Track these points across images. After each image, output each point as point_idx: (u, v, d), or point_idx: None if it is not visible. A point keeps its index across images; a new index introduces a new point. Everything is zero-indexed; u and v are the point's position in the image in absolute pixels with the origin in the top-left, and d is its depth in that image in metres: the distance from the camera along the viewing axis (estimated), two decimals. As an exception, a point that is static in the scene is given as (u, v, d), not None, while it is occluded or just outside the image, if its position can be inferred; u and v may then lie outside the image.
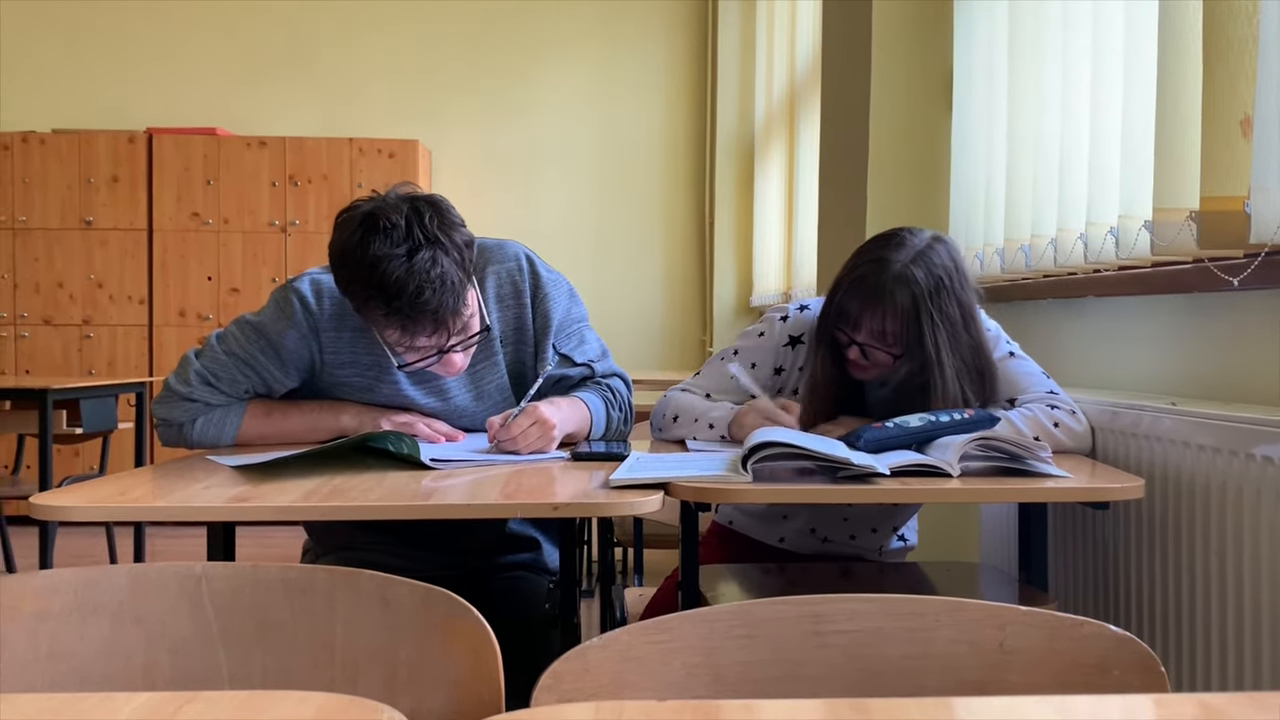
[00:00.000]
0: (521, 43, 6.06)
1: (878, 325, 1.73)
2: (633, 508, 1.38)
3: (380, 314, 1.63)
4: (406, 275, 1.58)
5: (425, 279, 1.59)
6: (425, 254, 1.60)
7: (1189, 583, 1.57)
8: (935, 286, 1.71)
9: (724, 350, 1.96)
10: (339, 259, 1.65)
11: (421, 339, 1.68)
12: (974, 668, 0.91)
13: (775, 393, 1.93)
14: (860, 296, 1.73)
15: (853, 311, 1.74)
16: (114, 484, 1.48)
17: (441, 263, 1.61)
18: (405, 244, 1.60)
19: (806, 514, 1.96)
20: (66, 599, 0.95)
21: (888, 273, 1.71)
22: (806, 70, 4.39)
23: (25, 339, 5.55)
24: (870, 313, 1.72)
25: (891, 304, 1.70)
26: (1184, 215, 1.68)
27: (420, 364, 1.73)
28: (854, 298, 1.74)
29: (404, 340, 1.68)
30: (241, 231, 5.60)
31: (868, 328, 1.74)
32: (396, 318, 1.62)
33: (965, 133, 2.70)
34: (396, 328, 1.65)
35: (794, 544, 1.98)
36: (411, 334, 1.66)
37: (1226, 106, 1.55)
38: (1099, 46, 2.04)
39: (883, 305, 1.71)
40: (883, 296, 1.70)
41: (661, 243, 6.18)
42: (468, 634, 0.90)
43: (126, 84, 5.93)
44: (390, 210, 1.63)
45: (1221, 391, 1.72)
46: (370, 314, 1.66)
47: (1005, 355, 1.84)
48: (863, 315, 1.74)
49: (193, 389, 1.79)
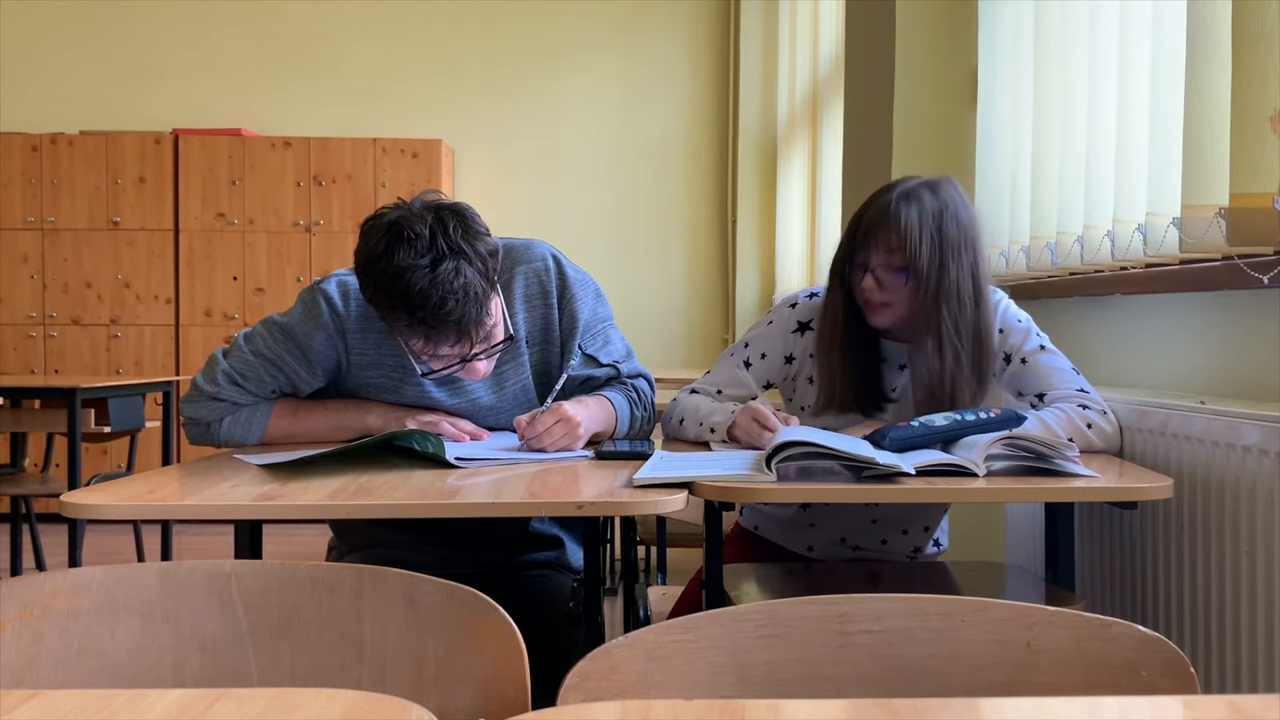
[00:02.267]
0: (545, 42, 6.07)
1: (888, 241, 1.75)
2: (656, 507, 1.38)
3: (404, 324, 1.65)
4: (430, 286, 1.59)
5: (449, 290, 1.60)
6: (449, 265, 1.61)
7: (1218, 583, 1.56)
8: (940, 207, 1.76)
9: (735, 343, 1.95)
10: (364, 268, 1.66)
11: (445, 348, 1.69)
12: (1001, 668, 0.90)
13: (789, 380, 1.92)
14: (870, 216, 1.77)
15: (863, 234, 1.78)
16: (142, 482, 1.49)
17: (465, 273, 1.62)
18: (429, 254, 1.60)
19: (835, 522, 1.94)
20: (98, 597, 0.96)
21: (895, 192, 1.77)
22: (829, 68, 4.37)
23: (54, 339, 5.60)
24: (880, 230, 1.76)
25: (897, 219, 1.74)
26: (1213, 212, 1.66)
27: (444, 372, 1.74)
28: (863, 219, 1.79)
29: (428, 349, 1.69)
30: (266, 231, 5.63)
31: (879, 248, 1.76)
32: (420, 328, 1.64)
33: (990, 129, 2.69)
34: (420, 337, 1.67)
35: (823, 552, 1.96)
36: (435, 343, 1.67)
37: (1256, 102, 1.53)
38: (1126, 42, 2.02)
39: (889, 220, 1.75)
40: (891, 210, 1.75)
41: (684, 241, 6.18)
42: (494, 632, 0.91)
43: (153, 86, 5.98)
44: (414, 220, 1.63)
45: (1251, 390, 1.71)
46: (394, 323, 1.67)
47: (1036, 349, 1.83)
48: (873, 234, 1.76)
49: (220, 389, 1.81)
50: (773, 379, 1.93)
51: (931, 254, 1.74)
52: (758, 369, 1.91)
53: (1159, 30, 1.88)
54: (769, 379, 1.93)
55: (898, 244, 1.74)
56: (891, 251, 1.75)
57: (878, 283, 1.77)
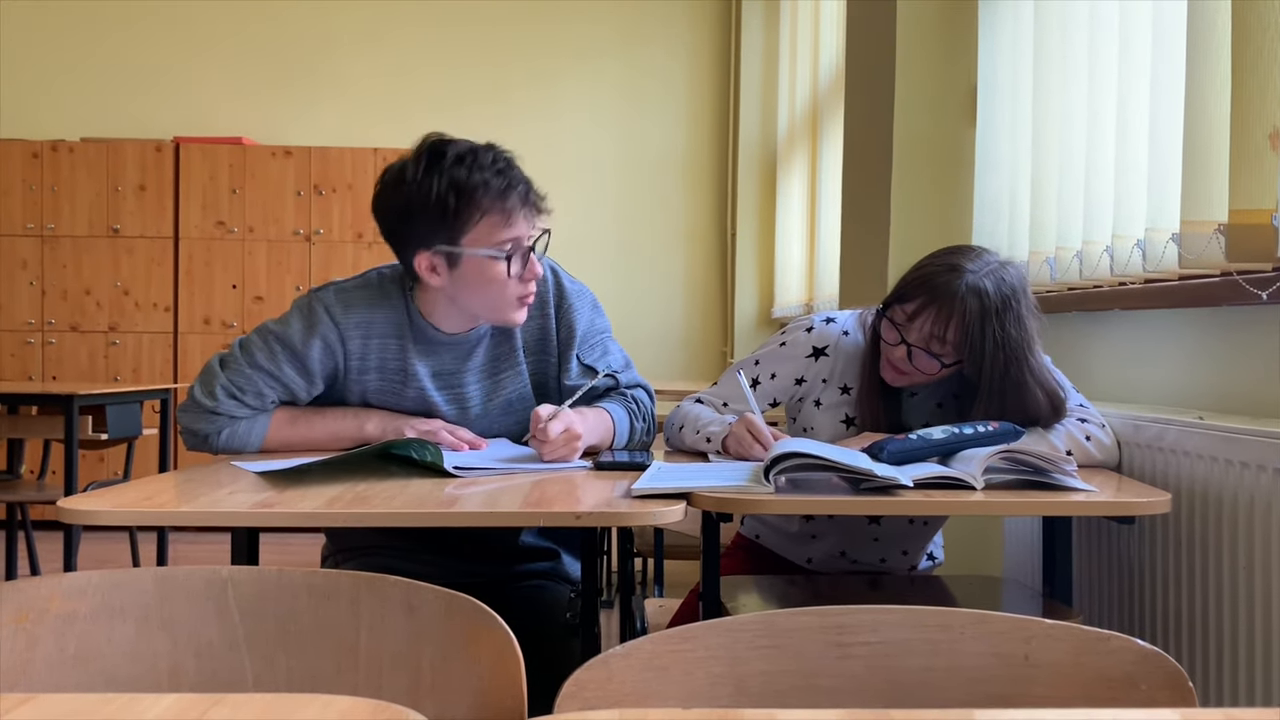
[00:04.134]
0: (545, 53, 6.08)
1: (938, 330, 1.69)
2: (655, 518, 1.38)
3: (484, 179, 1.73)
4: (491, 154, 1.76)
5: (510, 162, 1.78)
6: (490, 148, 1.78)
7: (1216, 598, 1.56)
8: (1004, 303, 1.67)
9: (744, 360, 1.95)
10: (417, 180, 1.74)
11: (519, 223, 1.76)
12: (999, 680, 0.90)
13: (796, 401, 1.92)
14: (926, 294, 1.69)
15: (913, 308, 1.71)
16: (139, 489, 1.49)
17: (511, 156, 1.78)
18: (471, 143, 1.77)
19: (836, 535, 1.94)
20: (94, 601, 0.96)
21: (961, 279, 1.67)
22: (829, 82, 4.38)
23: (52, 345, 5.60)
24: (933, 314, 1.69)
25: (960, 310, 1.66)
26: (1212, 228, 1.67)
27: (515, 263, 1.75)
28: (919, 294, 1.70)
29: (502, 227, 1.74)
30: (266, 240, 5.64)
31: (923, 329, 1.70)
32: (499, 180, 1.73)
33: (990, 145, 2.70)
34: (498, 207, 1.73)
35: (821, 564, 1.96)
36: (511, 211, 1.74)
37: (1255, 119, 1.54)
38: (1125, 58, 2.03)
39: (949, 309, 1.67)
40: (952, 300, 1.67)
41: (683, 254, 6.18)
42: (491, 641, 0.90)
43: (154, 94, 5.99)
44: (438, 135, 1.79)
45: (1250, 406, 1.71)
46: (472, 194, 1.72)
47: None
48: (922, 313, 1.70)
49: (219, 403, 1.80)
50: (780, 398, 1.93)
51: (985, 351, 1.67)
52: (765, 387, 1.90)
53: (1158, 47, 1.89)
54: (776, 398, 1.92)
55: (952, 339, 1.69)
56: (941, 341, 1.70)
57: (909, 356, 1.73)
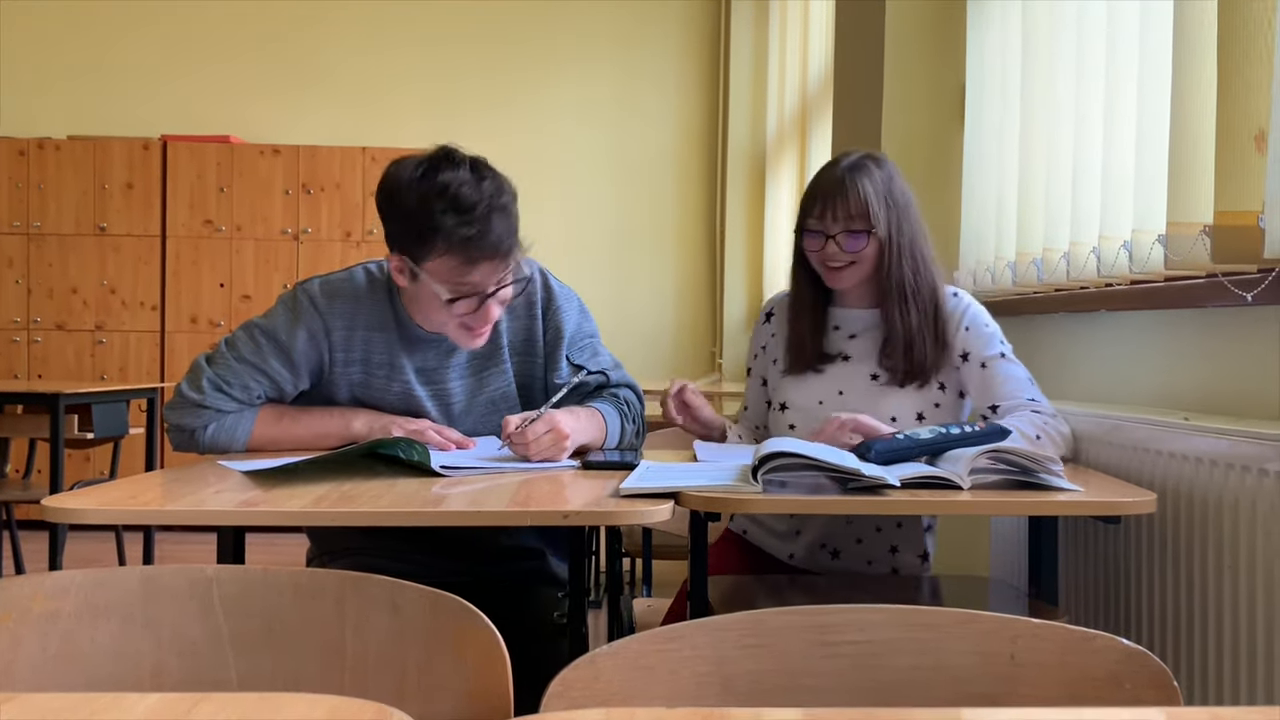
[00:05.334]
0: (535, 53, 6.08)
1: (844, 209, 1.86)
2: (643, 516, 1.38)
3: (451, 225, 1.68)
4: (477, 196, 1.70)
5: (495, 204, 1.71)
6: (491, 184, 1.72)
7: (1201, 597, 1.56)
8: (889, 173, 1.91)
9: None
10: (405, 186, 1.72)
11: (478, 271, 1.72)
12: (984, 680, 0.90)
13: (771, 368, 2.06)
14: (822, 191, 1.88)
15: (819, 208, 1.88)
16: (125, 487, 1.48)
17: (505, 194, 1.73)
18: (473, 175, 1.72)
19: (819, 529, 1.95)
20: (77, 600, 0.95)
21: (838, 166, 1.90)
22: (818, 83, 4.39)
23: (38, 344, 5.57)
24: (835, 200, 1.87)
25: (853, 184, 1.87)
26: (1198, 229, 1.67)
27: (465, 304, 1.74)
28: (815, 197, 1.89)
29: (460, 271, 1.71)
30: (254, 239, 5.62)
31: (836, 216, 1.87)
32: (465, 231, 1.68)
33: (977, 146, 2.70)
34: (459, 252, 1.69)
35: (803, 560, 1.97)
36: (473, 261, 1.70)
37: (1241, 121, 1.54)
38: (1113, 60, 2.04)
39: (844, 187, 1.87)
40: (843, 181, 1.87)
41: (673, 254, 6.19)
42: (477, 640, 0.90)
43: (142, 92, 5.96)
44: (453, 150, 1.75)
45: (1234, 406, 1.72)
46: (435, 235, 1.69)
47: (997, 355, 1.89)
48: (828, 206, 1.87)
49: (205, 396, 1.80)
50: (767, 376, 2.08)
51: (889, 215, 1.87)
52: (757, 370, 2.09)
53: (1145, 49, 1.90)
54: (764, 376, 2.08)
55: (857, 210, 1.86)
56: (851, 218, 1.86)
57: (840, 248, 1.87)
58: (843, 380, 1.93)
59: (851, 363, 1.94)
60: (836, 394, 1.92)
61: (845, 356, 1.95)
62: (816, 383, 1.94)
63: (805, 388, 1.95)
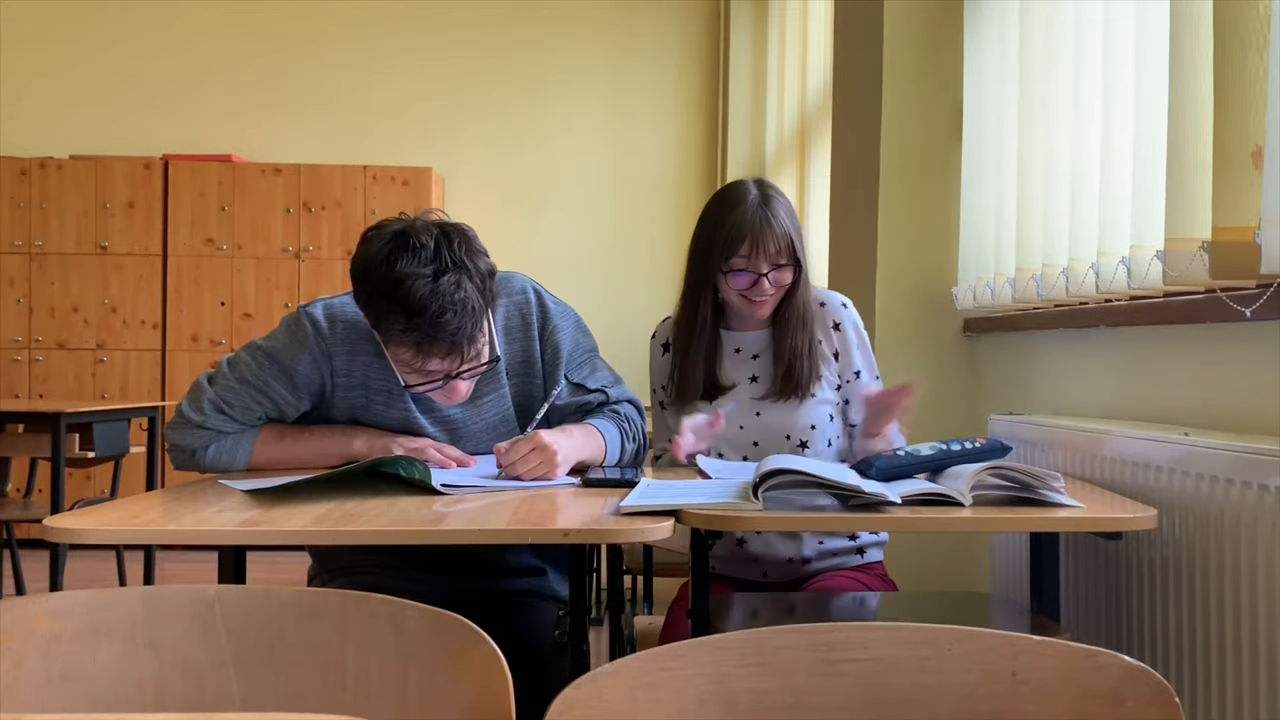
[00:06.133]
0: (535, 72, 6.10)
1: (773, 246, 1.91)
2: (643, 534, 1.38)
3: (399, 329, 1.65)
4: (430, 295, 1.62)
5: (449, 301, 1.62)
6: (451, 277, 1.63)
7: (1203, 614, 1.56)
8: (786, 200, 1.97)
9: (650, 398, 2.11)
10: (364, 272, 1.67)
11: (434, 361, 1.69)
12: (986, 697, 0.90)
13: None
14: (745, 231, 1.91)
15: (745, 247, 1.91)
16: (126, 507, 1.48)
17: (465, 287, 1.64)
18: (433, 265, 1.64)
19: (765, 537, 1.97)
20: (79, 621, 0.95)
21: (755, 198, 1.94)
22: (817, 100, 4.41)
23: (39, 363, 5.58)
24: (765, 234, 1.90)
25: (774, 218, 1.92)
26: (1196, 245, 1.68)
27: (425, 387, 1.74)
28: (739, 237, 1.91)
29: (415, 361, 1.69)
30: (255, 258, 5.63)
31: (766, 252, 1.91)
32: (414, 335, 1.64)
33: (976, 163, 2.71)
34: (411, 346, 1.67)
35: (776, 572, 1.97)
36: (425, 354, 1.67)
37: (1238, 137, 1.55)
38: (1110, 77, 2.05)
39: (768, 225, 1.91)
40: (764, 221, 1.91)
41: (672, 271, 6.17)
42: (479, 660, 0.90)
43: (144, 111, 5.99)
44: (420, 231, 1.67)
45: (1234, 422, 1.72)
46: (387, 330, 1.67)
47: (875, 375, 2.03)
48: (755, 244, 1.90)
49: (206, 417, 1.80)
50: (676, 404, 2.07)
51: (802, 245, 1.95)
52: (671, 400, 2.06)
53: (1142, 65, 1.91)
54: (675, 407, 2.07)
55: (784, 244, 1.92)
56: (778, 253, 1.92)
57: (770, 283, 1.92)
58: (753, 401, 1.98)
59: (757, 384, 2.00)
60: (754, 415, 1.98)
61: (753, 378, 2.00)
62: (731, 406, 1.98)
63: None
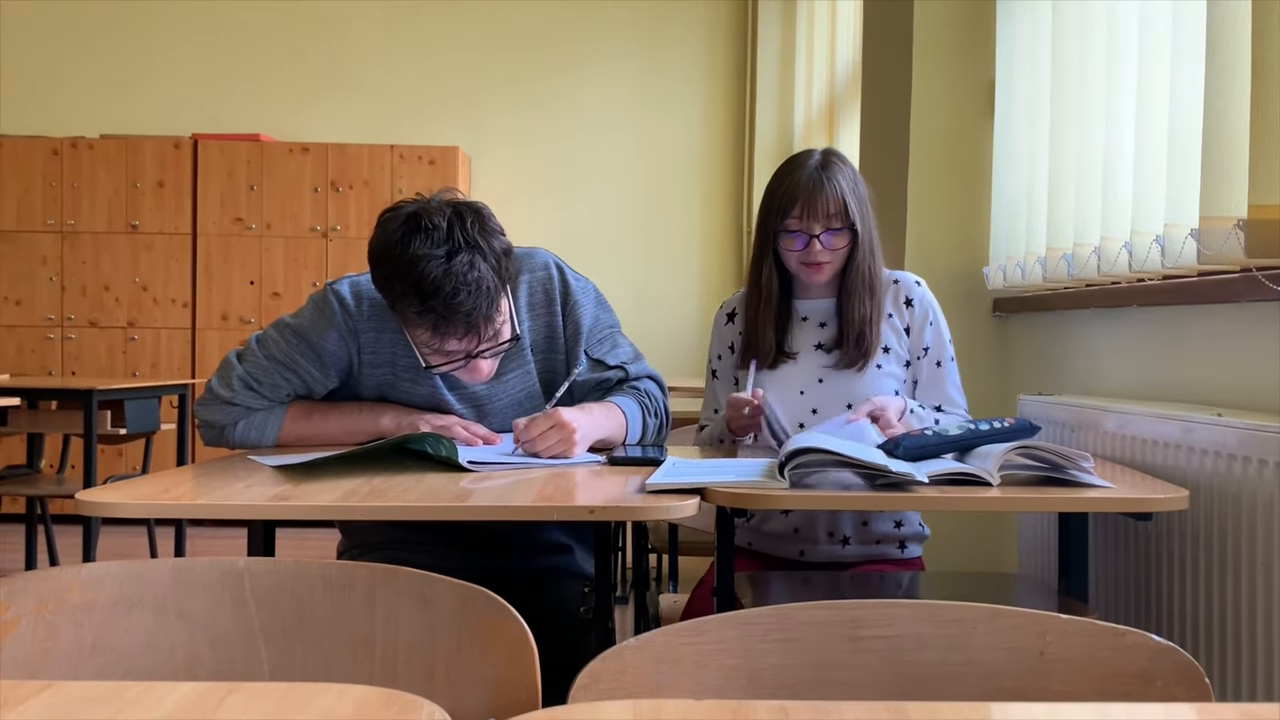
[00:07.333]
0: (562, 52, 6.08)
1: (826, 209, 1.92)
2: (668, 512, 1.38)
3: (414, 311, 1.65)
4: (444, 276, 1.62)
5: (462, 281, 1.62)
6: (464, 257, 1.63)
7: (1234, 595, 1.55)
8: (852, 169, 1.98)
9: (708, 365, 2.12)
10: (379, 255, 1.68)
11: (452, 342, 1.70)
12: (1013, 675, 0.90)
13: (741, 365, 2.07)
14: (800, 193, 1.92)
15: (798, 209, 1.92)
16: (157, 482, 1.50)
17: (479, 267, 1.64)
18: (445, 245, 1.63)
19: (823, 519, 1.96)
20: (112, 591, 0.96)
21: (815, 163, 1.95)
22: (846, 80, 4.37)
23: (71, 341, 5.64)
24: (817, 198, 1.91)
25: (829, 182, 1.93)
26: (1231, 224, 1.65)
27: (447, 367, 1.74)
28: (793, 199, 1.92)
29: (433, 341, 1.70)
30: (284, 236, 5.66)
31: (817, 214, 1.92)
32: (430, 316, 1.65)
33: (1007, 140, 2.68)
34: (428, 328, 1.67)
35: (814, 554, 1.96)
36: (442, 335, 1.68)
37: (1275, 114, 1.53)
38: (1144, 53, 2.02)
39: (822, 186, 1.92)
40: (818, 181, 1.92)
41: (700, 252, 6.18)
42: (506, 633, 0.91)
43: (173, 91, 6.02)
44: (433, 212, 1.66)
45: (1268, 402, 1.70)
46: (404, 312, 1.68)
47: (950, 358, 2.01)
48: (809, 205, 1.91)
49: (235, 394, 1.81)
50: (737, 375, 2.07)
51: (860, 211, 1.94)
52: (724, 371, 2.08)
53: (1178, 41, 1.88)
54: (735, 377, 2.07)
55: (836, 208, 1.92)
56: (830, 216, 1.92)
57: (822, 246, 1.93)
58: (818, 368, 1.98)
59: (822, 351, 2.00)
60: (816, 381, 1.98)
61: (819, 345, 2.00)
62: (792, 372, 1.98)
63: (780, 379, 1.98)
